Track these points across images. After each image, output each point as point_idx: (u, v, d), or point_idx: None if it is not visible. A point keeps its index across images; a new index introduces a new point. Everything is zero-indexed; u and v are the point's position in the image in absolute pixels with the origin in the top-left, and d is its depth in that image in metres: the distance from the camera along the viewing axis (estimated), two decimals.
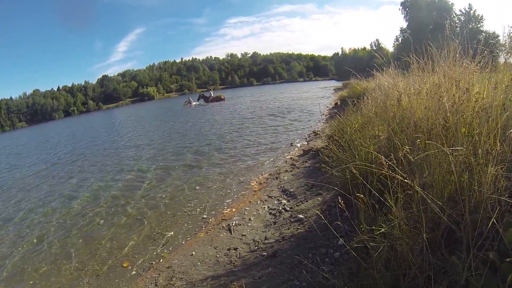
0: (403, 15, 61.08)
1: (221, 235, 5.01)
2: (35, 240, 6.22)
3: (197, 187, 7.78)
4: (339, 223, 3.29)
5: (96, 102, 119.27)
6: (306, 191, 6.04)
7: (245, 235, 4.84)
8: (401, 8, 60.99)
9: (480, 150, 2.41)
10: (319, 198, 5.42)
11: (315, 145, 9.59)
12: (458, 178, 2.41)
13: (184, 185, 8.09)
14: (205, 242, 4.91)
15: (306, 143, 11.08)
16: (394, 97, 4.93)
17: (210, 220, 5.83)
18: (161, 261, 4.70)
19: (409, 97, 4.12)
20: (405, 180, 2.42)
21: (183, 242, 5.18)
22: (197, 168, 9.69)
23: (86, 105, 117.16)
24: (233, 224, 5.26)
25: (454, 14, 56.35)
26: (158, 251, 5.04)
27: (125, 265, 4.81)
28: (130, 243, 5.43)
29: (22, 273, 5.10)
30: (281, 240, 4.32)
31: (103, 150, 16.51)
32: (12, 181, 12.33)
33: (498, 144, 2.34)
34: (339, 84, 59.20)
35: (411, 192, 2.49)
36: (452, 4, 56.47)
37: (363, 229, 2.77)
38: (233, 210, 6.03)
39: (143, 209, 6.92)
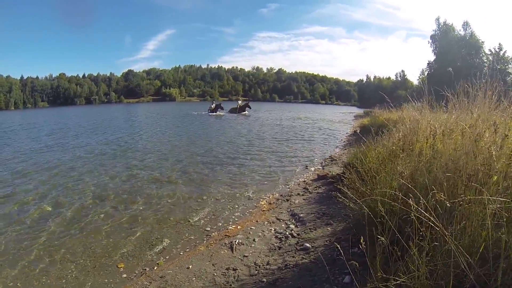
0: (431, 49, 60.64)
1: (221, 252, 4.79)
2: (31, 225, 6.11)
3: (205, 197, 7.61)
4: (352, 262, 3.00)
5: (118, 95, 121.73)
6: (317, 219, 5.79)
7: (247, 256, 4.61)
8: (430, 41, 60.80)
9: None
10: (329, 228, 5.16)
11: (330, 171, 9.40)
12: (493, 233, 2.17)
13: (192, 193, 7.94)
14: (204, 257, 4.69)
15: (321, 167, 10.86)
16: (425, 133, 4.72)
17: (213, 234, 5.65)
18: (155, 268, 4.51)
19: (442, 135, 3.90)
20: (437, 228, 2.18)
21: (181, 253, 4.99)
22: (208, 177, 9.56)
23: (108, 96, 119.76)
24: (236, 243, 5.03)
25: (483, 53, 55.76)
26: (154, 257, 4.85)
27: (120, 265, 4.64)
28: (126, 244, 5.27)
29: (14, 255, 4.96)
30: (283, 268, 4.07)
31: (119, 145, 16.40)
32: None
33: None
34: (360, 111, 59.09)
35: (439, 243, 2.24)
36: (482, 42, 55.88)
37: (378, 275, 2.53)
38: (238, 227, 5.83)
39: (146, 211, 6.77)
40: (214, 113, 45.62)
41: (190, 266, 4.39)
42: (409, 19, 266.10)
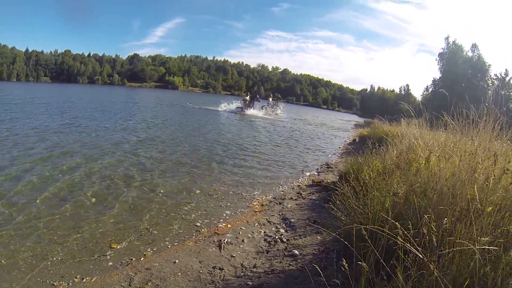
0: (438, 66, 60.93)
1: (209, 250, 4.79)
2: (23, 202, 6.01)
3: (198, 191, 7.56)
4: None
5: (121, 78, 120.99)
6: (307, 226, 5.79)
7: (234, 256, 4.61)
8: (437, 59, 60.94)
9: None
10: (319, 237, 5.16)
11: (325, 178, 9.41)
12: (480, 268, 2.18)
13: (185, 186, 7.90)
14: (191, 253, 4.68)
15: (317, 173, 10.88)
16: (422, 154, 4.73)
17: (203, 230, 5.60)
18: (141, 259, 4.47)
19: (439, 159, 3.90)
20: (424, 259, 2.20)
21: (169, 246, 4.94)
22: (203, 171, 9.50)
23: (111, 78, 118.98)
24: (225, 241, 5.03)
25: (488, 77, 56.20)
26: (141, 248, 4.80)
27: (114, 245, 4.73)
28: (115, 232, 5.22)
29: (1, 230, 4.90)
30: (270, 272, 4.07)
31: (116, 126, 16.47)
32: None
33: None
34: (360, 120, 59.20)
35: (426, 272, 2.25)
36: (489, 65, 56.26)
37: None
38: (228, 226, 5.81)
39: (138, 200, 6.70)
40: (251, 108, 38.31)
41: (177, 261, 4.38)
42: (419, 34, 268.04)
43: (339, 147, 19.08)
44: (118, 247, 4.78)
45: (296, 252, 4.63)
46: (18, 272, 3.98)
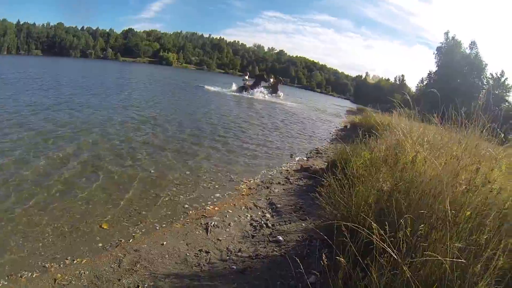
0: (435, 60, 61.69)
1: (196, 232, 4.88)
2: (12, 182, 5.95)
3: (188, 172, 7.64)
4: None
5: (115, 52, 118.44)
6: (293, 212, 5.93)
7: (220, 240, 4.72)
8: (436, 52, 62.03)
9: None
10: (303, 224, 5.31)
11: (314, 164, 9.52)
12: (448, 276, 2.33)
13: (176, 166, 7.95)
14: (179, 235, 4.77)
15: (305, 159, 11.01)
16: (409, 151, 4.83)
17: (190, 212, 5.68)
18: (130, 241, 4.54)
19: (425, 160, 4.01)
20: (398, 260, 2.34)
21: (158, 228, 5.01)
22: (194, 152, 9.51)
23: (105, 52, 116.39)
24: (212, 225, 5.13)
25: (484, 76, 57.01)
26: (131, 229, 4.85)
27: (104, 226, 4.80)
28: (105, 212, 5.25)
29: None
30: (254, 257, 4.21)
31: (108, 105, 16.21)
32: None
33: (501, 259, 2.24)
34: (353, 106, 59.31)
35: (398, 272, 2.39)
36: (486, 64, 57.22)
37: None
38: (216, 208, 5.90)
39: (128, 180, 6.73)
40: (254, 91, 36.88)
41: (165, 243, 4.46)
42: (420, 26, 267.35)
43: (330, 133, 19.22)
44: (108, 228, 4.84)
45: (281, 238, 4.76)
46: (9, 254, 4.02)
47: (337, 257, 2.63)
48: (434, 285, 2.34)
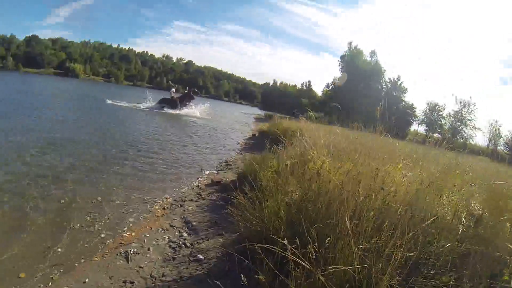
0: (339, 67, 68.62)
1: (117, 263, 4.78)
2: None
3: (99, 198, 7.28)
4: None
5: (16, 62, 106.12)
6: (209, 228, 6.09)
7: (142, 267, 4.70)
8: (339, 60, 69.41)
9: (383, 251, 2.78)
10: (221, 239, 5.50)
11: (224, 177, 9.80)
12: (358, 274, 2.73)
13: (86, 193, 7.48)
14: (100, 268, 4.63)
15: (215, 172, 11.23)
16: (315, 160, 5.27)
17: (108, 241, 5.51)
18: (50, 284, 4.26)
19: (328, 172, 4.40)
20: (311, 269, 2.69)
21: (76, 264, 4.77)
22: (104, 175, 9.03)
23: (4, 61, 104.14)
24: (131, 252, 5.08)
25: (383, 80, 65.42)
26: (48, 271, 4.51)
27: (22, 275, 4.37)
28: (20, 258, 4.75)
29: None
30: (178, 279, 4.31)
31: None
32: None
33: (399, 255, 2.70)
34: (261, 113, 60.93)
35: (313, 280, 2.74)
36: (384, 70, 66.05)
37: None
38: (133, 234, 5.83)
39: (33, 212, 6.20)
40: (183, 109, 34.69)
41: (87, 280, 4.31)
42: (326, 36, 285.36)
43: (238, 143, 19.66)
44: (26, 276, 4.42)
45: (201, 256, 4.90)
46: None
47: (256, 276, 2.91)
48: (346, 285, 2.74)
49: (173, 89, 39.08)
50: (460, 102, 65.63)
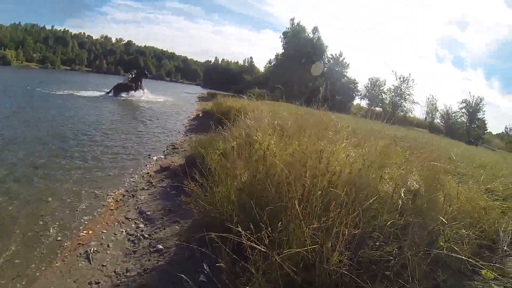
0: (282, 43, 69.65)
1: (79, 265, 4.74)
2: None
3: (50, 199, 6.92)
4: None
5: None
6: (164, 216, 6.15)
7: (105, 265, 4.71)
8: (281, 36, 70.36)
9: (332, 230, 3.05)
10: (177, 227, 5.58)
11: (172, 162, 9.82)
12: (311, 252, 3.00)
13: (35, 194, 7.08)
14: (63, 273, 4.54)
15: (163, 157, 11.25)
16: (261, 142, 5.46)
17: (66, 244, 5.36)
18: None
19: (274, 155, 4.57)
20: (268, 252, 2.93)
21: (38, 274, 4.59)
22: (52, 173, 8.47)
23: None
24: (91, 251, 5.05)
25: (326, 56, 67.68)
26: (9, 286, 4.31)
27: None
28: None
29: None
30: (143, 273, 4.39)
31: None
32: None
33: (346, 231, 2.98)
34: (204, 91, 60.31)
35: (270, 261, 2.99)
36: (326, 46, 68.00)
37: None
38: (90, 232, 5.75)
39: None
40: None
41: None
42: (269, 13, 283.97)
43: (183, 124, 19.51)
44: None
45: (160, 246, 4.99)
46: None
47: (217, 264, 3.12)
48: (302, 262, 3.02)
49: (130, 75, 36.51)
50: (400, 78, 70.69)
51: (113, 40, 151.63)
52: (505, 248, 3.24)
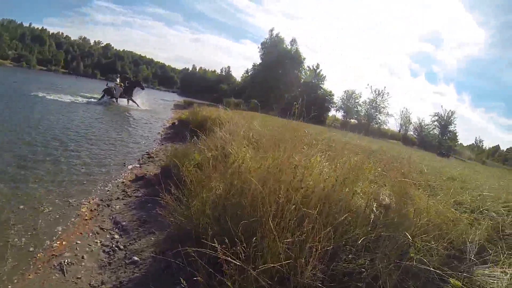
0: (259, 54, 70.86)
1: (53, 277, 4.61)
2: None
3: (22, 206, 6.66)
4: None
5: None
6: (139, 227, 6.12)
7: (80, 278, 4.62)
8: (260, 47, 71.75)
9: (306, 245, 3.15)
10: (152, 238, 5.58)
11: (147, 171, 9.80)
12: (286, 266, 3.08)
13: (5, 201, 6.80)
14: (36, 287, 4.40)
15: (138, 165, 11.13)
16: (236, 155, 5.52)
17: (39, 255, 5.14)
18: None
19: (249, 170, 4.61)
20: (243, 266, 2.99)
21: (10, 287, 4.40)
22: (24, 180, 8.14)
23: None
24: (65, 263, 4.93)
25: (303, 67, 69.40)
26: None
27: None
28: None
29: None
30: (118, 285, 4.37)
31: None
32: None
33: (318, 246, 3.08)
34: (180, 99, 59.99)
35: (246, 275, 3.05)
36: (304, 58, 69.70)
37: None
38: (64, 243, 5.60)
39: None
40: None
41: None
42: (248, 22, 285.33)
43: (159, 132, 19.36)
44: None
45: (136, 258, 4.97)
46: None
47: (194, 278, 3.16)
48: (277, 275, 3.09)
49: (118, 80, 36.04)
50: (375, 91, 72.90)
51: (92, 42, 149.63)
52: (472, 258, 3.41)
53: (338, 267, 3.25)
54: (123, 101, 34.45)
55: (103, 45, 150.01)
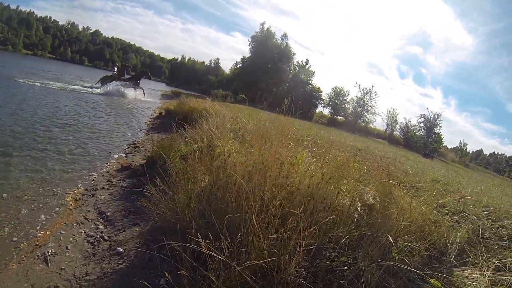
0: (249, 47, 70.74)
1: (37, 268, 4.56)
2: None
3: (4, 195, 6.52)
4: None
5: None
6: (124, 218, 6.11)
7: (64, 268, 4.59)
8: (249, 40, 71.57)
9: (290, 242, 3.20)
10: (137, 229, 5.58)
11: (133, 161, 9.80)
12: (269, 261, 3.13)
13: None
14: (19, 277, 4.35)
15: (124, 155, 11.07)
16: (222, 149, 5.54)
17: (22, 245, 5.08)
18: None
19: (234, 164, 4.66)
20: (227, 261, 3.04)
21: None
22: (5, 168, 7.88)
23: None
24: (49, 253, 4.88)
25: (292, 63, 69.73)
26: None
27: None
28: None
29: None
30: (103, 276, 4.37)
31: None
32: None
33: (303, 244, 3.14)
34: (168, 89, 59.50)
35: (230, 270, 3.10)
36: (294, 54, 69.97)
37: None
38: (48, 233, 5.52)
39: None
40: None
41: None
42: (239, 15, 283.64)
43: (146, 122, 19.20)
44: None
45: (121, 249, 4.97)
46: None
47: (178, 272, 3.19)
48: (260, 271, 3.15)
49: (116, 68, 36.80)
50: (363, 90, 73.62)
51: (80, 28, 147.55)
52: (452, 259, 3.51)
53: (321, 264, 3.31)
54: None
55: (91, 31, 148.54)
